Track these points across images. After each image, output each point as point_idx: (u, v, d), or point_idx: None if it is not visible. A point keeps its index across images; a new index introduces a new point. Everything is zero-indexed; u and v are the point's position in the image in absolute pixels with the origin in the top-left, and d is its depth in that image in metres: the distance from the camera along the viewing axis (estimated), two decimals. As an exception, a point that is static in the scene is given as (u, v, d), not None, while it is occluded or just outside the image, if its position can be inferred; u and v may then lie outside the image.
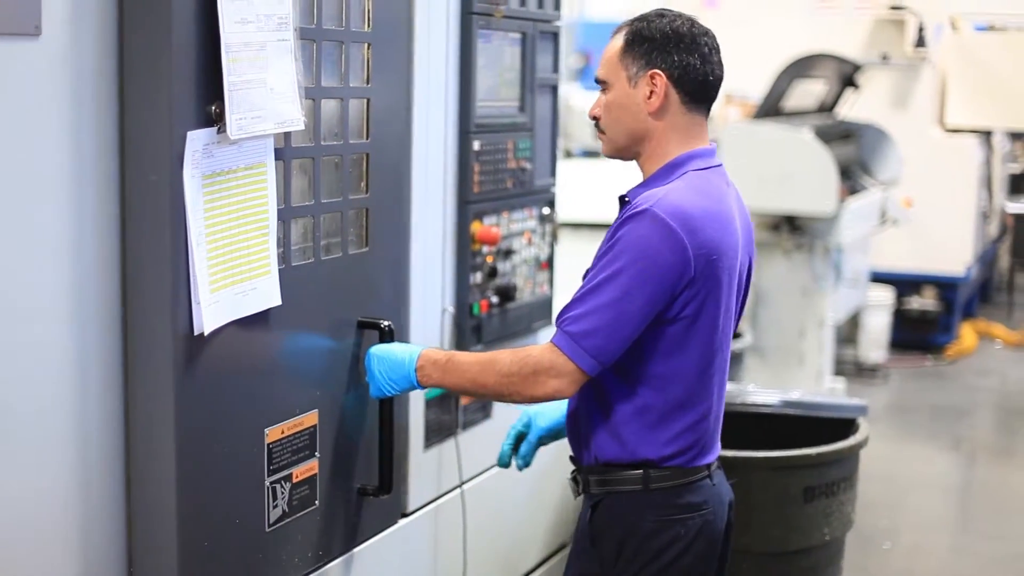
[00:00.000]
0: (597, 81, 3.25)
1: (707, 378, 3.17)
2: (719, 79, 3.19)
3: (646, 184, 3.18)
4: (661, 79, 3.12)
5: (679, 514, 3.18)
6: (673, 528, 3.17)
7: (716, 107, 3.71)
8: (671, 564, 3.17)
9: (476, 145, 3.84)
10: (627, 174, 3.07)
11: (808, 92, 9.40)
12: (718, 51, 3.19)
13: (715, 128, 8.22)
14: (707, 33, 3.18)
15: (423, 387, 3.25)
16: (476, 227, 3.87)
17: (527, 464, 3.56)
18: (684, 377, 3.12)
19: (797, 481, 4.71)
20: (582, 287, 3.08)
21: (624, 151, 3.25)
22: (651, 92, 3.14)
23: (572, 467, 3.35)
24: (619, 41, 3.19)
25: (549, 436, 3.55)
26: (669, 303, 3.03)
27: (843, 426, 5.08)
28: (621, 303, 3.00)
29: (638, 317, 3.02)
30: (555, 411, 3.52)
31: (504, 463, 3.56)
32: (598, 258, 3.08)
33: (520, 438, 3.56)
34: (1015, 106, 11.00)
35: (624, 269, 3.01)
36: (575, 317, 3.04)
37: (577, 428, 3.29)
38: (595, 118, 3.27)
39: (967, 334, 11.67)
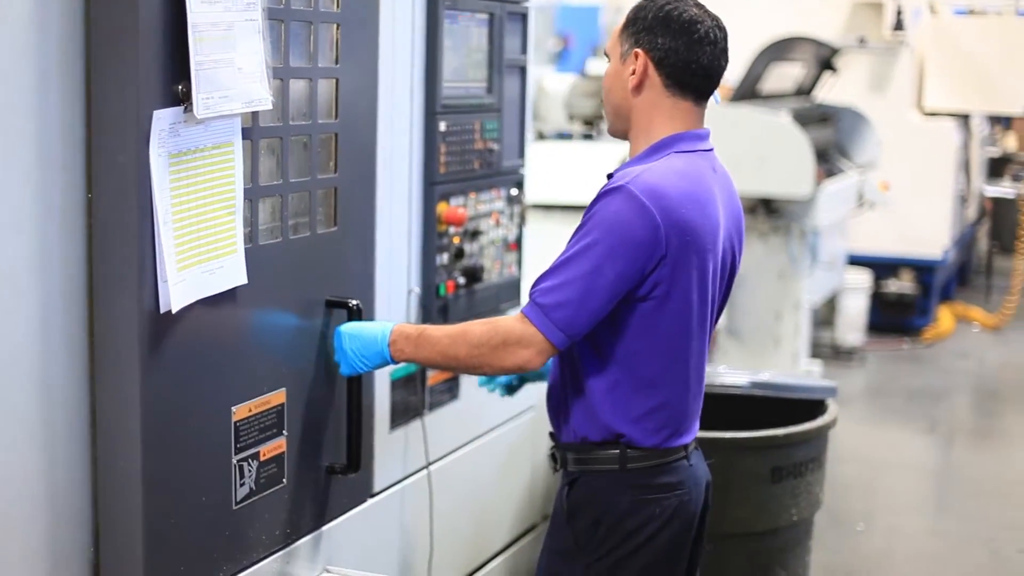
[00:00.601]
0: (604, 55, 3.35)
1: (682, 359, 3.19)
2: (708, 68, 3.19)
3: (631, 163, 3.22)
4: (642, 58, 3.17)
5: (655, 494, 3.21)
6: (649, 507, 3.20)
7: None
8: (646, 543, 3.20)
9: (442, 126, 3.85)
10: (600, 157, 3.11)
11: (786, 75, 9.42)
12: (716, 43, 3.19)
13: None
14: (706, 22, 3.18)
15: (396, 362, 3.28)
16: (442, 208, 3.88)
17: (506, 391, 3.64)
18: (656, 356, 3.15)
19: (765, 462, 4.73)
20: (555, 262, 3.11)
21: (613, 126, 3.32)
22: (633, 70, 3.19)
23: (551, 444, 3.38)
24: (622, 19, 3.27)
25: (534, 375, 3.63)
26: (640, 281, 3.06)
27: (814, 407, 5.11)
28: (591, 277, 3.03)
29: (608, 292, 3.04)
30: None
31: (484, 383, 3.62)
32: (574, 233, 3.11)
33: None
34: (993, 90, 11.03)
35: (596, 243, 3.04)
36: (546, 289, 3.07)
37: (555, 404, 3.32)
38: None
39: (944, 317, 11.71)
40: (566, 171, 5.76)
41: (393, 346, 3.25)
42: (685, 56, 3.16)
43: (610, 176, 3.21)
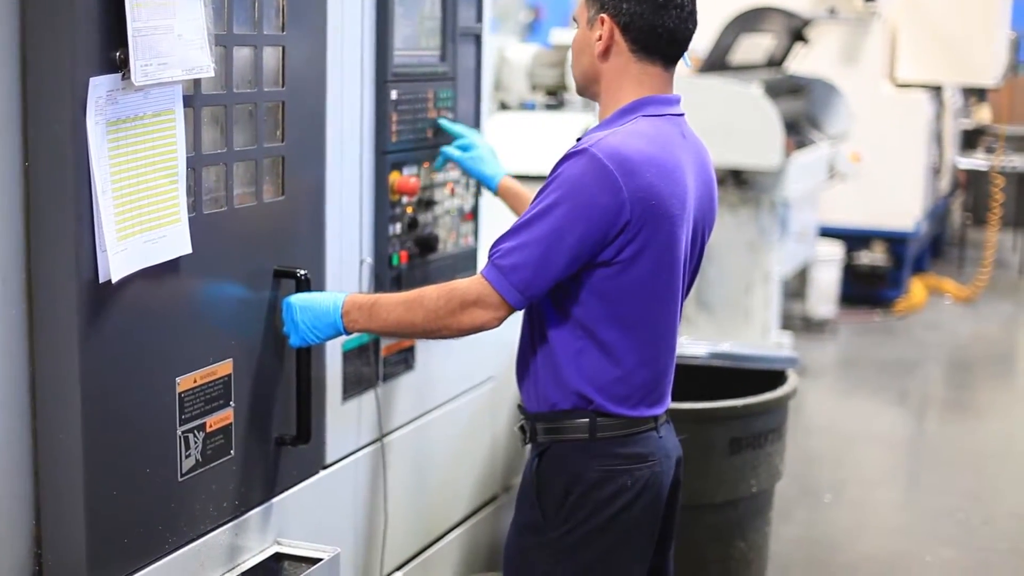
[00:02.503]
0: (573, 20, 3.35)
1: (649, 328, 3.18)
2: (674, 32, 3.17)
3: (598, 127, 3.22)
4: (608, 23, 3.16)
5: (625, 464, 3.20)
6: (619, 478, 3.19)
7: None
8: (616, 515, 3.20)
9: (394, 94, 3.80)
10: (564, 127, 3.08)
11: (757, 46, 9.39)
12: (683, 7, 3.17)
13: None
14: None
15: (349, 333, 3.27)
16: (395, 177, 3.84)
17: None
18: (622, 323, 3.14)
19: (723, 433, 4.72)
20: (516, 221, 3.10)
21: (583, 90, 3.34)
22: (599, 36, 3.18)
23: (520, 417, 3.37)
24: None
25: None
26: (603, 245, 3.05)
27: (777, 378, 5.10)
28: (551, 239, 3.02)
29: (568, 255, 3.03)
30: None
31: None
32: (536, 195, 3.10)
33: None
34: (965, 61, 11.03)
35: (557, 205, 3.03)
36: (506, 251, 3.07)
37: (523, 373, 3.32)
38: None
39: (916, 289, 11.72)
40: (529, 141, 5.73)
41: (346, 316, 3.23)
42: (651, 20, 3.14)
43: (579, 140, 3.20)
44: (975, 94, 14.45)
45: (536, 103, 6.75)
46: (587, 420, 3.19)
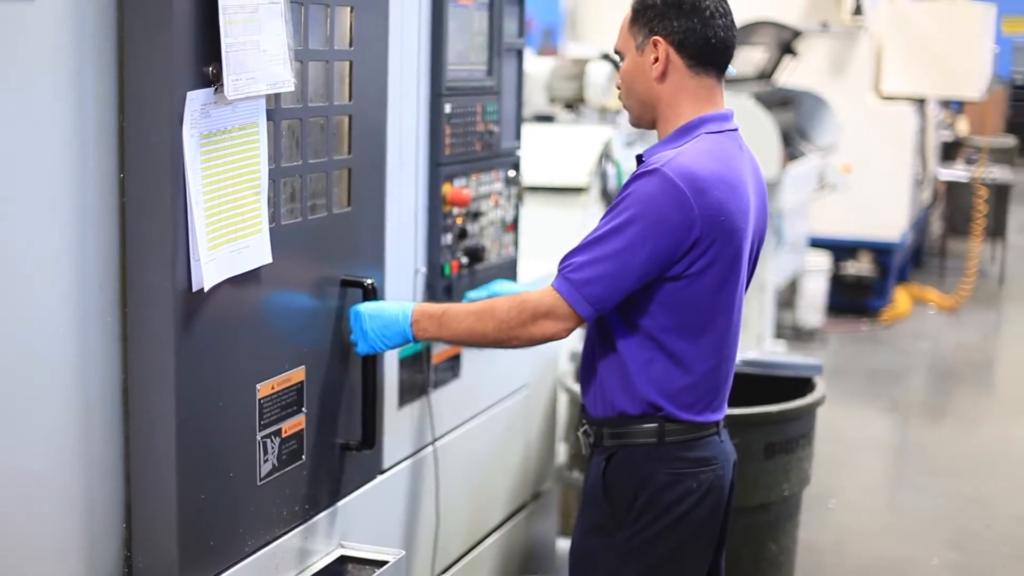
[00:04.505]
0: (616, 53, 3.38)
1: (714, 338, 3.27)
2: (725, 40, 3.27)
3: (660, 145, 3.29)
4: (662, 44, 3.24)
5: (691, 467, 3.29)
6: (686, 481, 3.29)
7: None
8: (684, 516, 3.29)
9: (447, 108, 3.90)
10: (582, 139, 3.14)
11: (747, 59, 9.50)
12: (724, 14, 3.27)
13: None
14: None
15: (417, 341, 3.35)
16: (447, 189, 3.93)
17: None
18: (691, 334, 3.23)
19: (759, 437, 4.82)
20: (586, 237, 3.18)
21: (641, 119, 3.38)
22: (655, 58, 3.25)
23: (582, 421, 3.44)
24: (628, 12, 3.31)
25: None
26: (673, 261, 3.14)
27: (794, 385, 5.20)
28: (624, 255, 3.11)
29: (639, 271, 3.12)
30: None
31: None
32: (606, 213, 3.19)
33: None
34: (949, 75, 11.16)
35: (630, 223, 3.12)
36: (578, 265, 3.16)
37: (588, 379, 3.39)
38: (619, 87, 3.41)
39: (901, 299, 11.86)
40: (544, 153, 5.80)
41: (416, 325, 3.32)
42: (703, 33, 3.24)
43: (639, 157, 3.29)
44: (951, 107, 14.61)
45: (554, 115, 6.82)
46: (656, 425, 3.28)
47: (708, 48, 3.26)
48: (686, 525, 3.29)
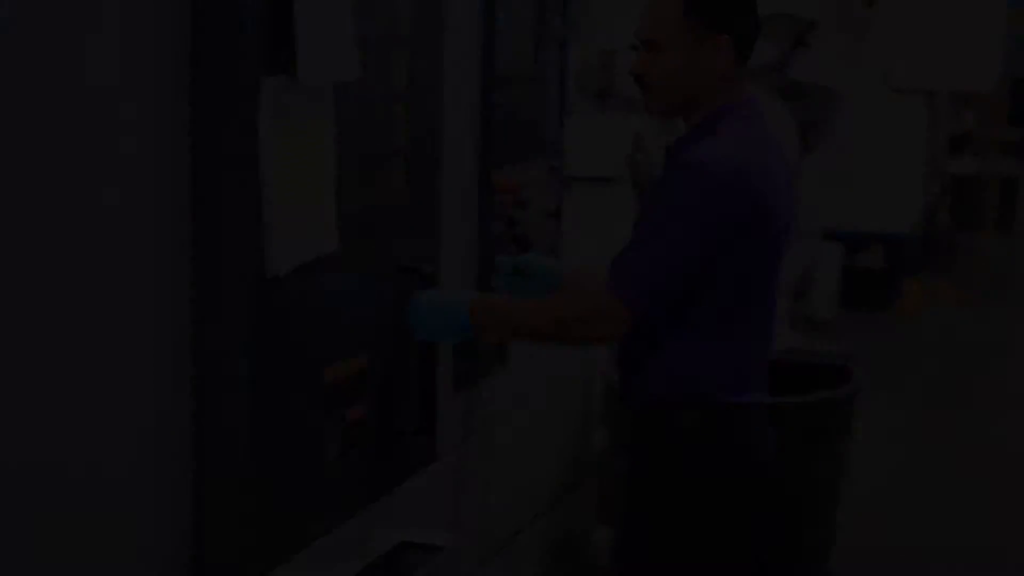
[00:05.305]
0: (642, 41, 3.25)
1: (755, 324, 3.29)
2: (758, 32, 3.28)
3: (692, 135, 3.25)
4: (727, 42, 3.18)
5: (735, 452, 3.30)
6: (731, 465, 3.29)
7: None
8: (728, 501, 3.29)
9: (497, 97, 3.91)
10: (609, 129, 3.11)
11: (759, 51, 9.48)
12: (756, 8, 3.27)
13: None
14: None
15: (474, 333, 3.33)
16: (497, 178, 3.94)
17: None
18: (731, 319, 3.23)
19: (805, 424, 4.85)
20: (635, 236, 3.18)
21: (671, 109, 3.32)
22: (717, 55, 3.18)
23: (628, 407, 3.44)
24: (677, 2, 3.18)
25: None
26: (720, 252, 3.12)
27: (820, 373, 5.22)
28: (671, 252, 3.11)
29: (688, 265, 3.12)
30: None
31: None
32: (649, 208, 3.18)
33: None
34: (960, 67, 11.16)
35: (674, 219, 3.12)
36: (628, 263, 3.15)
37: (630, 367, 3.38)
38: (639, 76, 3.28)
39: (912, 291, 11.84)
40: (579, 144, 5.81)
41: (474, 317, 3.28)
42: (755, 29, 3.24)
43: (668, 149, 3.28)
44: (958, 99, 14.60)
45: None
46: (699, 410, 3.28)
47: (753, 43, 3.27)
48: (731, 509, 3.30)
